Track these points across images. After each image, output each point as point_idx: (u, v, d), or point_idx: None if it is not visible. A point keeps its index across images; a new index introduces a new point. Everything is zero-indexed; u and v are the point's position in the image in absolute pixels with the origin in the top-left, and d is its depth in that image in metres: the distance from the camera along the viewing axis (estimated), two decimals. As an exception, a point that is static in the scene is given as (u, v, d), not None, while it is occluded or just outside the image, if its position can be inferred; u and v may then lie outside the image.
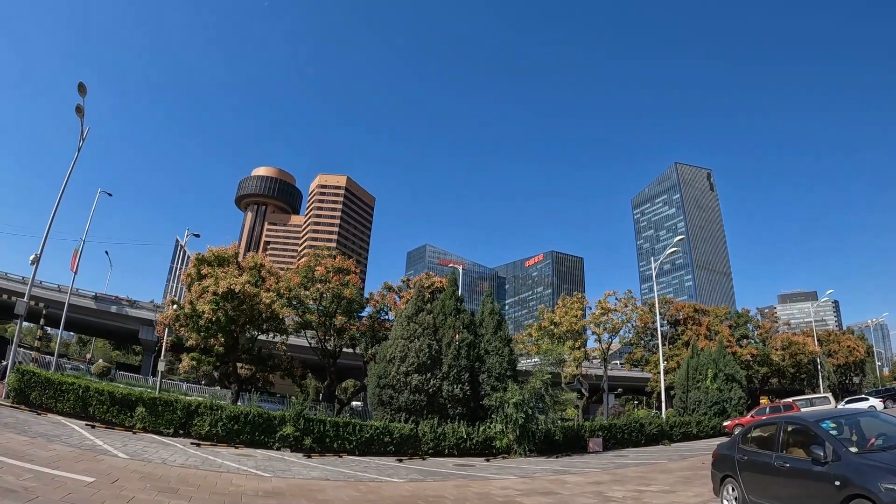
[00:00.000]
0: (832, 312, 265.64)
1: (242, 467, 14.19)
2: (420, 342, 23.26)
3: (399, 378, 22.97)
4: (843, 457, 6.67)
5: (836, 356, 66.35)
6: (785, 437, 8.13)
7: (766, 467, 8.17)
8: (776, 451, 8.08)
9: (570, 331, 36.57)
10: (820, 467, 6.82)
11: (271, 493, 11.05)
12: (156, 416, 19.03)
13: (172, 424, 18.95)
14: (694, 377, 37.91)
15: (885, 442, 7.11)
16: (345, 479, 14.10)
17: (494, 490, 13.10)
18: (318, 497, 11.04)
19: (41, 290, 64.06)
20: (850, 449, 6.84)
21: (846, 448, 6.83)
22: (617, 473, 16.42)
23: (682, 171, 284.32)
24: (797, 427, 8.09)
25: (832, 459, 6.72)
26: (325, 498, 11.03)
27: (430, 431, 21.86)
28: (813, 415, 9.00)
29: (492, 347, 24.77)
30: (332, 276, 29.55)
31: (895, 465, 6.14)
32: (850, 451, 6.76)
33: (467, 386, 23.56)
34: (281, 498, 10.67)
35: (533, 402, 22.97)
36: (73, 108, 25.54)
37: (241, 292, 26.45)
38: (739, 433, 9.86)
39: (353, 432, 20.71)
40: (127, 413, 19.12)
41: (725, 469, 9.52)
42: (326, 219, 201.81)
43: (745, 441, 9.31)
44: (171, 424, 18.95)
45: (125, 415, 19.09)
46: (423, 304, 24.99)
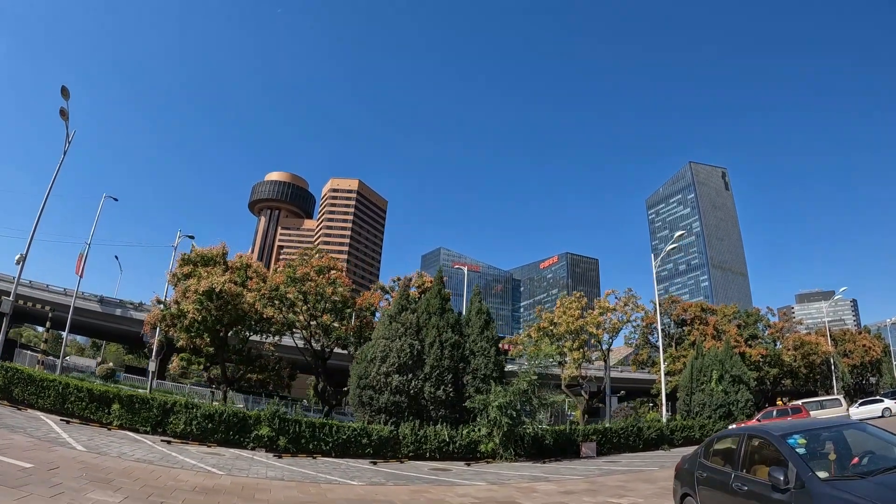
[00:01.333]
0: (850, 312, 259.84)
1: (200, 464, 14.02)
2: (401, 342, 22.58)
3: (379, 379, 22.31)
4: (808, 483, 5.36)
5: (852, 356, 63.84)
6: (747, 453, 6.78)
7: (725, 487, 6.82)
8: (736, 470, 6.76)
9: (569, 331, 35.61)
10: (780, 495, 5.56)
11: (209, 490, 10.80)
12: (132, 413, 19.12)
13: (149, 422, 18.97)
14: (698, 379, 36.72)
15: (871, 463, 5.78)
16: (301, 479, 13.69)
17: (451, 497, 12.40)
18: (257, 497, 10.71)
19: (47, 294, 64.76)
20: (817, 473, 5.48)
21: (813, 472, 5.48)
22: (597, 482, 15.53)
23: (697, 170, 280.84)
24: (761, 441, 6.68)
25: (794, 486, 5.44)
26: (265, 498, 10.71)
27: (411, 434, 21.16)
28: (781, 426, 7.32)
29: (478, 348, 23.99)
30: (315, 276, 29.12)
31: (872, 498, 4.76)
32: (818, 477, 5.41)
33: (451, 388, 22.80)
34: (215, 495, 10.41)
35: (519, 405, 22.13)
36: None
37: (224, 292, 26.17)
38: (703, 444, 8.60)
39: (329, 433, 20.23)
40: (104, 410, 19.28)
41: (685, 485, 8.30)
42: (339, 223, 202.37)
43: (708, 454, 8.02)
44: (147, 422, 18.97)
45: (103, 412, 19.25)
46: (407, 303, 24.33)
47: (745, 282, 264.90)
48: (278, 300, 28.81)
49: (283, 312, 28.28)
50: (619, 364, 70.33)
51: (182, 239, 37.69)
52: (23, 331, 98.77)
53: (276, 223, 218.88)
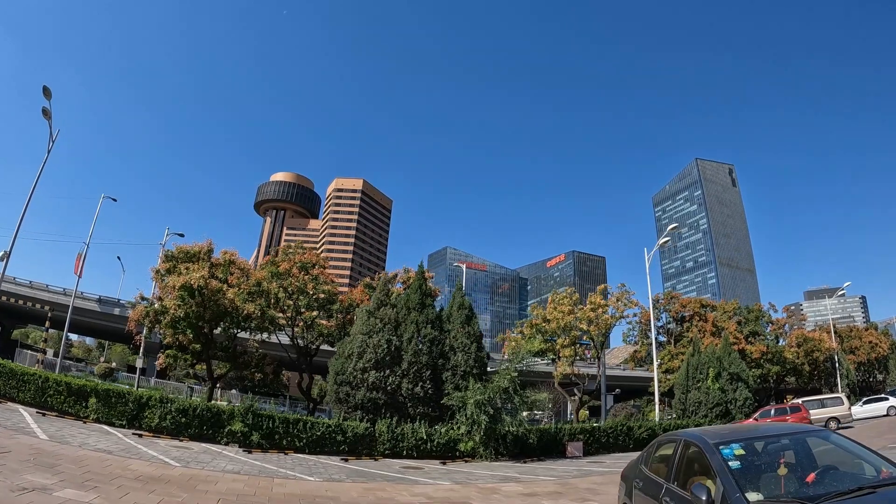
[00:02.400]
0: (860, 308, 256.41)
1: (160, 456, 14.05)
2: (378, 337, 22.17)
3: (356, 374, 21.93)
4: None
5: (858, 353, 62.74)
6: (682, 462, 5.76)
7: (656, 500, 5.90)
8: (668, 482, 5.78)
9: (561, 327, 34.99)
10: None
11: (153, 479, 10.84)
12: (109, 407, 19.26)
13: (125, 416, 19.08)
14: (694, 377, 36.00)
15: (830, 483, 4.67)
16: (256, 474, 13.46)
17: (403, 496, 11.97)
18: (199, 487, 10.67)
19: (47, 294, 64.96)
20: (747, 495, 4.40)
21: (741, 493, 4.40)
22: (569, 483, 14.89)
23: (704, 166, 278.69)
24: (696, 449, 5.54)
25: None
26: (206, 489, 10.65)
27: (387, 431, 20.77)
28: (721, 432, 6.19)
29: (458, 344, 23.48)
30: (297, 272, 28.80)
31: None
32: (745, 500, 4.34)
33: (429, 384, 22.34)
34: (155, 483, 10.46)
35: (499, 403, 21.61)
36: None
37: (203, 287, 25.95)
38: (645, 449, 7.65)
39: (303, 429, 20.06)
40: (82, 404, 19.50)
41: (626, 493, 7.41)
42: (343, 223, 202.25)
43: (649, 461, 7.01)
44: (123, 416, 19.07)
45: (80, 405, 19.48)
46: (386, 298, 23.93)
47: (752, 279, 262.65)
48: (259, 296, 28.49)
49: (263, 308, 27.93)
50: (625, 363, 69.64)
51: (171, 236, 37.50)
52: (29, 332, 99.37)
53: (281, 224, 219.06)
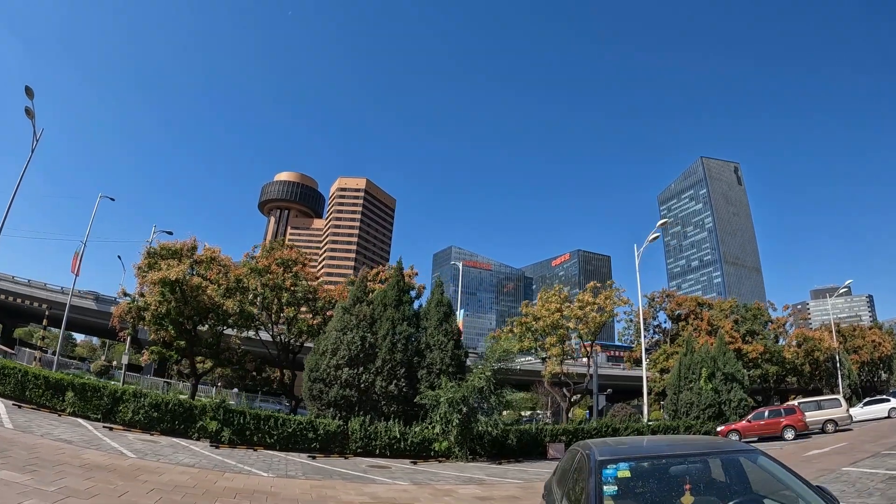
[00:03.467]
0: (867, 308, 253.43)
1: (120, 448, 14.23)
2: (353, 334, 21.85)
3: (329, 371, 21.62)
4: None
5: (860, 352, 61.17)
6: (574, 478, 5.05)
7: None
8: (560, 499, 5.15)
9: (552, 325, 34.44)
10: None
11: (98, 467, 11.13)
12: (84, 401, 19.56)
13: (100, 410, 19.32)
14: (687, 377, 35.04)
15: None
16: (210, 468, 13.45)
17: (349, 496, 11.66)
18: (140, 477, 10.90)
19: (45, 293, 65.33)
20: None
21: None
22: (533, 487, 14.11)
23: (709, 165, 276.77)
24: (582, 465, 4.85)
25: None
26: (147, 479, 10.86)
27: (360, 429, 20.46)
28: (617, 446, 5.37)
29: (434, 341, 23.07)
30: (276, 268, 28.69)
31: None
32: None
33: (403, 382, 21.95)
34: (98, 471, 10.69)
35: (474, 402, 21.17)
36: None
37: (182, 283, 26.03)
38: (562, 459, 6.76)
39: (274, 426, 19.94)
40: (59, 397, 19.89)
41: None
42: (346, 222, 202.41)
43: (557, 472, 6.31)
44: (98, 410, 19.33)
45: (58, 399, 19.87)
46: (363, 294, 23.62)
47: (758, 277, 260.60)
48: (238, 292, 28.34)
49: (243, 305, 27.79)
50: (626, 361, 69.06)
51: (158, 234, 37.44)
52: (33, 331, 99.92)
53: (285, 223, 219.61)
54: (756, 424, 29.27)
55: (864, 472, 12.88)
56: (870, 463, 14.35)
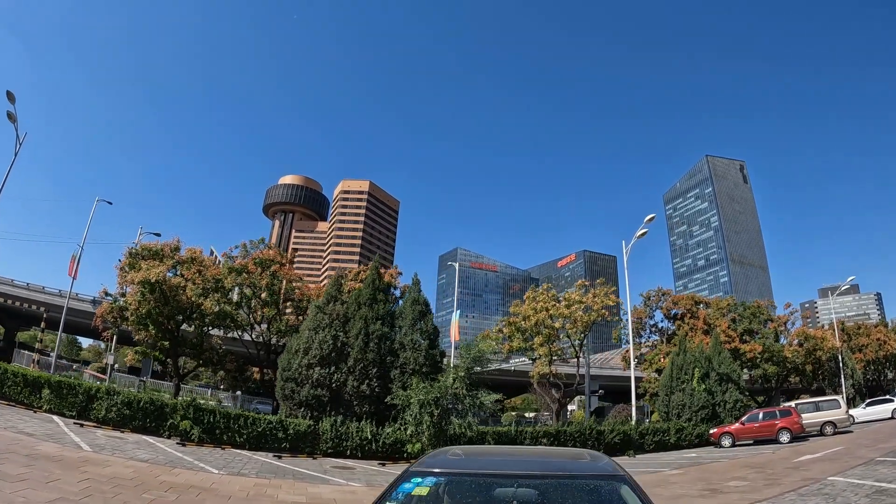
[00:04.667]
0: (875, 306, 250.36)
1: (79, 442, 14.51)
2: (324, 333, 21.58)
3: (301, 371, 21.40)
4: None
5: (865, 351, 59.83)
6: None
7: None
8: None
9: (538, 325, 33.88)
10: None
11: (48, 458, 11.51)
12: (60, 398, 19.95)
13: (75, 407, 19.68)
14: (679, 377, 33.92)
15: None
16: (162, 463, 13.47)
17: (287, 495, 11.37)
18: (83, 468, 11.10)
19: (43, 296, 65.53)
20: None
21: None
22: None
23: (714, 163, 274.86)
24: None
25: None
26: (91, 469, 11.11)
27: (331, 430, 20.25)
28: (448, 457, 4.38)
29: (408, 341, 22.70)
30: (253, 268, 28.63)
31: None
32: None
33: (376, 382, 21.62)
34: (44, 461, 11.07)
35: (449, 403, 20.64)
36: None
37: (161, 283, 26.02)
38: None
39: (244, 425, 19.92)
40: (36, 395, 20.43)
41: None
42: (350, 224, 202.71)
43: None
44: (73, 407, 19.70)
45: (35, 396, 20.43)
46: (338, 293, 23.35)
47: (765, 276, 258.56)
48: (216, 292, 28.23)
49: (220, 304, 27.69)
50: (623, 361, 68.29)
51: (144, 235, 37.36)
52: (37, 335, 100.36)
53: (290, 226, 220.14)
54: (750, 427, 28.44)
55: (851, 482, 12.21)
56: (860, 472, 13.76)
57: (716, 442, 28.44)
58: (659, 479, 15.90)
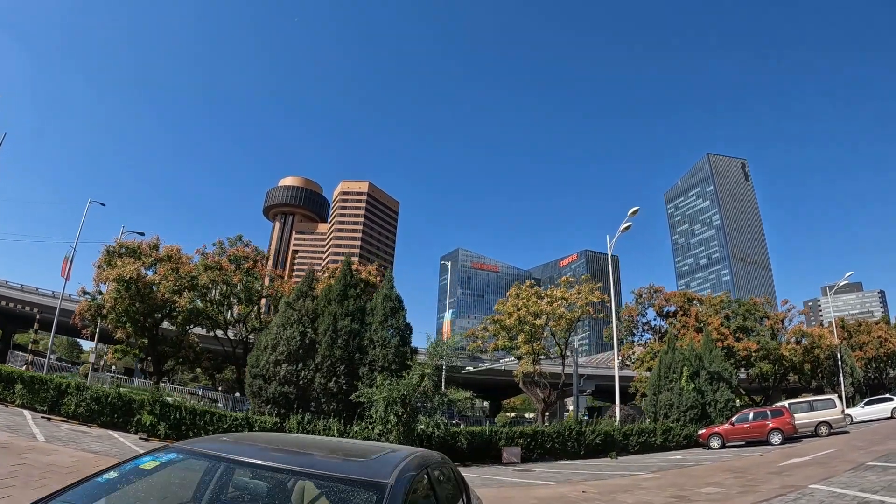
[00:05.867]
0: (879, 304, 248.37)
1: (36, 433, 14.85)
2: (292, 329, 21.29)
3: (269, 367, 21.12)
4: None
5: (866, 349, 58.99)
6: None
7: None
8: None
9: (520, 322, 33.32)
10: None
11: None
12: (32, 393, 20.48)
13: (46, 402, 20.13)
14: (667, 376, 32.99)
15: None
16: (113, 455, 13.54)
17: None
18: (25, 455, 11.48)
19: (37, 297, 65.53)
20: None
21: None
22: None
23: (715, 161, 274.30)
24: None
25: None
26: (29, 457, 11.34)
27: (297, 427, 19.80)
28: (206, 440, 3.69)
29: (378, 338, 22.30)
30: (227, 265, 28.45)
31: None
32: None
33: (343, 379, 21.22)
34: (10, 451, 11.55)
35: (418, 402, 20.16)
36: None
37: (135, 280, 25.86)
38: None
39: (210, 421, 19.68)
40: (10, 390, 21.06)
41: None
42: (349, 226, 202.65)
43: None
44: (45, 402, 20.15)
45: (8, 391, 21.07)
46: (308, 289, 23.03)
47: (768, 275, 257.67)
48: (190, 289, 28.00)
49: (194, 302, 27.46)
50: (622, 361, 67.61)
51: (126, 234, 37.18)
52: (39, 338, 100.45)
53: (290, 228, 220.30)
54: (740, 427, 27.47)
55: (834, 492, 11.22)
56: (846, 479, 12.67)
57: (704, 443, 27.70)
58: (629, 483, 15.20)
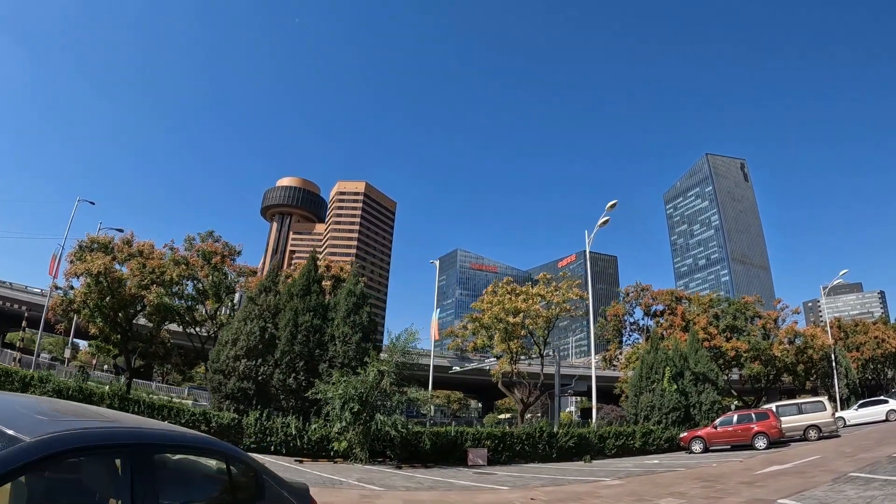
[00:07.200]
0: (878, 304, 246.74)
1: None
2: (253, 324, 20.91)
3: (228, 363, 20.77)
4: None
5: (863, 349, 58.07)
6: None
7: None
8: None
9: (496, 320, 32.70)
10: None
11: None
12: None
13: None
14: (649, 376, 31.92)
15: None
16: None
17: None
18: None
19: (26, 295, 65.43)
20: None
21: None
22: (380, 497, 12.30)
23: (714, 162, 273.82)
24: None
25: None
26: None
27: (255, 424, 19.52)
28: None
29: (339, 333, 21.83)
30: (195, 259, 28.27)
31: None
32: None
33: (303, 376, 20.81)
34: None
35: (378, 400, 19.58)
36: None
37: (103, 274, 25.69)
38: None
39: (168, 416, 19.61)
40: None
41: None
42: (346, 226, 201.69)
43: None
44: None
45: None
46: (272, 284, 22.65)
47: (767, 275, 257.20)
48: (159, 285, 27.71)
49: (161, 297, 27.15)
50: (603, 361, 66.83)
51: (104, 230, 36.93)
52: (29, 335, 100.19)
53: (287, 228, 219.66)
54: (724, 431, 26.23)
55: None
56: (821, 494, 10.75)
57: (686, 447, 26.69)
58: (587, 490, 14.07)
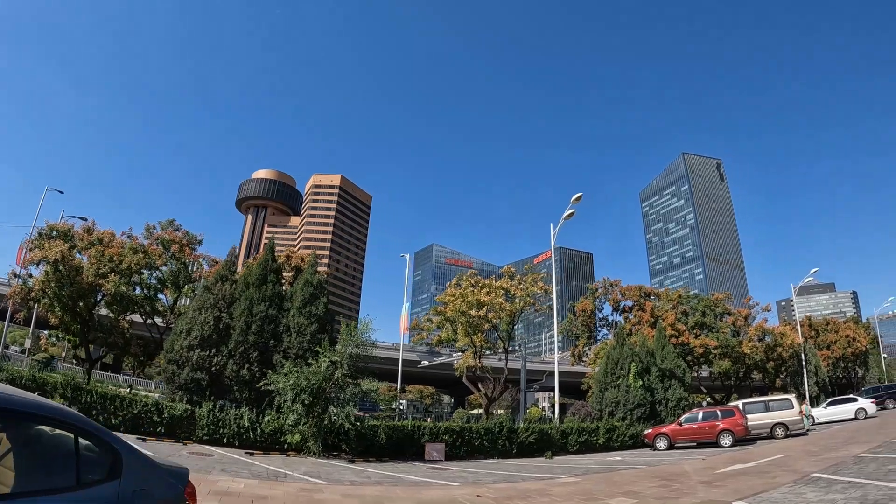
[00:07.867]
0: (851, 304, 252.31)
1: None
2: (207, 314, 20.50)
3: (182, 353, 20.40)
4: None
5: (833, 348, 58.81)
6: None
7: None
8: None
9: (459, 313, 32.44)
10: None
11: None
12: None
13: None
14: (614, 372, 31.89)
15: None
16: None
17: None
18: None
19: (-9, 285, 63.64)
20: None
21: None
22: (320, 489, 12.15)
23: (691, 161, 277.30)
24: None
25: None
26: None
27: (208, 415, 19.12)
28: None
29: (294, 324, 21.54)
30: (153, 248, 27.84)
31: None
32: None
33: (256, 367, 20.48)
34: None
35: (332, 392, 19.21)
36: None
37: (60, 262, 25.22)
38: None
39: (121, 406, 19.24)
40: None
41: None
42: (321, 219, 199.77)
43: None
44: None
45: None
46: (229, 273, 22.26)
47: (741, 274, 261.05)
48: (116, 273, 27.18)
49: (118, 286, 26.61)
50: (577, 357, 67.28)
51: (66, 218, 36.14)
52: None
53: (262, 221, 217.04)
54: (688, 428, 26.16)
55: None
56: (779, 496, 10.43)
57: (651, 444, 26.61)
58: (539, 488, 13.67)
